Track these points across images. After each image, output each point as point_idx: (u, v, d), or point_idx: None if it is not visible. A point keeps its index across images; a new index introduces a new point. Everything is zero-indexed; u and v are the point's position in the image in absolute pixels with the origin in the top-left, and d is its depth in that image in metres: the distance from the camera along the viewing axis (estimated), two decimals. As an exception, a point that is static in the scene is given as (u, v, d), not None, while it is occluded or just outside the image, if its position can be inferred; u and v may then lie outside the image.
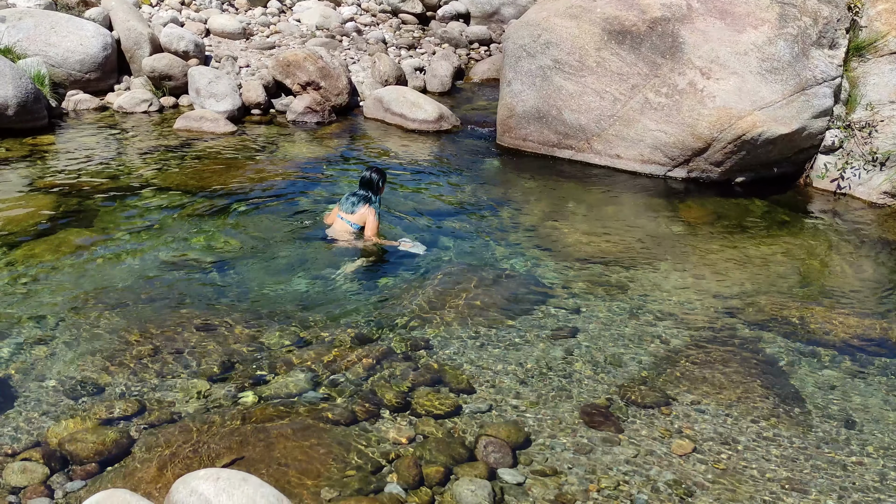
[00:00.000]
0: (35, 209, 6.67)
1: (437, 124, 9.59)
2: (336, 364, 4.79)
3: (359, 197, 6.33)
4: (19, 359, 4.60)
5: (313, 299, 5.57)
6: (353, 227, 6.29)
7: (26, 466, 3.67)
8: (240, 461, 3.85)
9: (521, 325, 5.38)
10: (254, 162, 8.27)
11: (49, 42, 9.33)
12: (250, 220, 6.83)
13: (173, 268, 5.86)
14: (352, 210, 6.31)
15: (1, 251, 5.88)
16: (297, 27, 12.14)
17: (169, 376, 4.56)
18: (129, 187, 7.32)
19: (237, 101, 9.59)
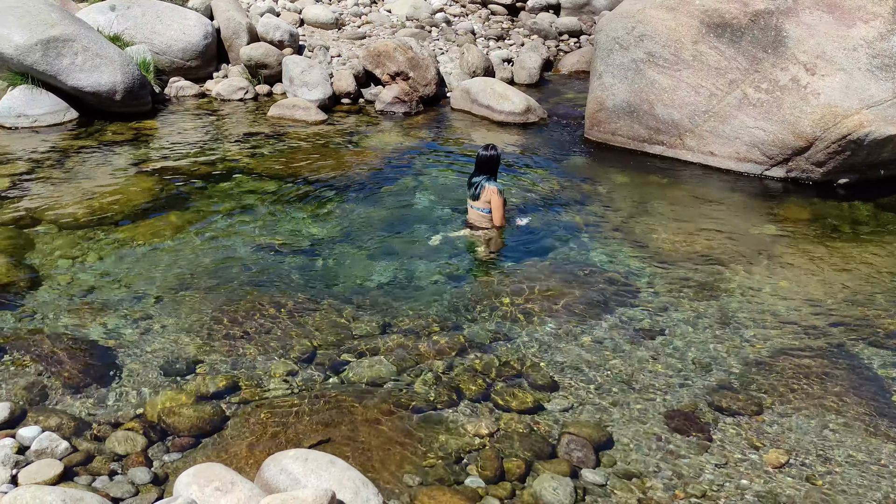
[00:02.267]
0: (138, 190, 6.98)
1: (524, 116, 9.52)
2: (419, 353, 4.84)
3: (479, 179, 6.34)
4: (122, 334, 4.83)
5: (399, 287, 5.64)
6: (483, 212, 6.36)
7: (128, 436, 3.87)
8: (325, 443, 3.94)
9: (605, 324, 5.30)
10: (343, 150, 8.42)
11: (154, 30, 9.72)
12: (339, 207, 6.96)
13: (265, 252, 6.03)
14: (476, 195, 6.36)
15: (106, 230, 6.19)
16: (388, 17, 12.27)
17: (259, 357, 4.70)
18: (225, 172, 7.57)
19: (328, 90, 9.77)
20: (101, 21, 9.64)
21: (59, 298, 5.18)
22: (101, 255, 5.80)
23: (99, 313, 5.03)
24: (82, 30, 8.72)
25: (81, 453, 3.69)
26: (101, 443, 3.83)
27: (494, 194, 6.28)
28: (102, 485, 3.49)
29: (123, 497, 3.43)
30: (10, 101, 8.41)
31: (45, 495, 2.95)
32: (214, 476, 3.14)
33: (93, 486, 3.47)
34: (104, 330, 4.85)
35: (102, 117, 8.76)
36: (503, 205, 6.35)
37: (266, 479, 3.29)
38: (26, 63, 8.31)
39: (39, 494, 2.95)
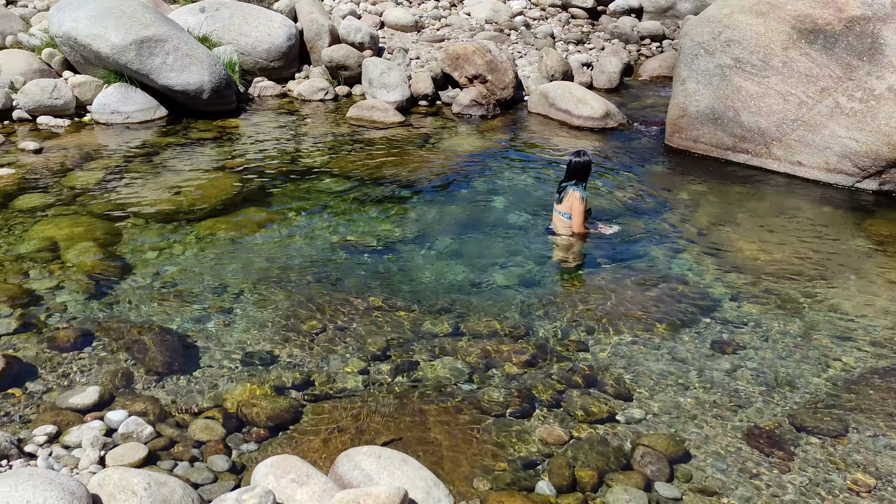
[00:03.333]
0: (221, 187, 7.19)
1: (603, 121, 9.39)
2: (492, 356, 4.82)
3: (567, 185, 6.34)
4: (204, 325, 4.98)
5: (472, 290, 5.63)
6: (565, 217, 6.36)
7: (208, 424, 3.98)
8: (396, 441, 3.96)
9: (683, 335, 5.17)
10: (420, 152, 8.48)
11: (241, 32, 10.01)
12: (414, 208, 7.01)
13: (341, 250, 6.12)
14: (560, 199, 6.37)
15: (190, 224, 6.39)
16: (467, 20, 12.30)
17: (334, 353, 4.77)
18: (304, 171, 7.72)
19: (406, 92, 9.86)
20: (191, 22, 9.98)
21: (146, 289, 5.37)
22: (185, 249, 5.99)
23: (182, 304, 5.19)
24: (174, 30, 9.04)
25: (164, 439, 3.81)
26: (183, 429, 3.95)
27: (576, 200, 6.23)
28: (183, 470, 3.60)
29: (203, 483, 3.53)
30: (105, 98, 8.78)
31: (132, 477, 3.06)
32: (291, 468, 3.20)
33: (174, 471, 3.58)
34: (187, 321, 5.01)
35: (189, 115, 9.05)
36: (584, 212, 6.28)
37: (339, 474, 3.33)
38: (121, 62, 8.67)
39: (127, 476, 3.07)
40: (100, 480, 3.10)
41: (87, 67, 9.01)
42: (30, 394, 4.13)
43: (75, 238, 5.96)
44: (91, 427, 3.76)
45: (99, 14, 8.76)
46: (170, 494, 3.07)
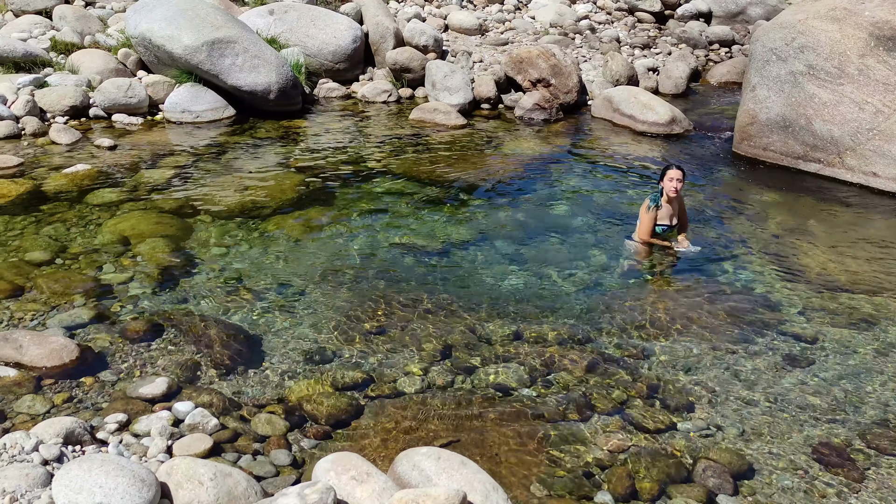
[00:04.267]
0: (286, 186, 7.32)
1: (669, 127, 9.24)
2: (551, 362, 4.78)
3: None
4: (268, 320, 5.07)
5: (532, 294, 5.60)
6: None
7: (271, 419, 4.05)
8: (455, 444, 3.96)
9: (749, 347, 5.04)
10: (481, 155, 8.48)
11: (308, 34, 10.18)
12: (475, 211, 7.01)
13: (402, 251, 6.16)
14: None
15: (255, 222, 6.52)
16: (531, 24, 12.26)
17: (393, 353, 4.80)
18: (367, 172, 7.80)
19: (469, 94, 9.88)
20: (259, 24, 10.20)
21: (212, 284, 5.50)
22: (250, 246, 6.12)
23: (247, 300, 5.30)
24: (243, 32, 9.25)
25: (229, 431, 3.90)
26: (246, 423, 4.03)
27: (642, 207, 6.18)
28: (246, 463, 3.67)
29: (265, 476, 3.59)
30: (177, 98, 9.04)
31: (199, 467, 3.13)
32: (351, 465, 3.22)
33: (238, 463, 3.65)
34: (251, 316, 5.11)
35: (256, 115, 9.25)
36: (648, 220, 6.19)
37: (398, 474, 3.35)
38: (192, 62, 8.91)
39: (194, 466, 3.14)
40: (168, 469, 3.18)
41: (160, 67, 9.29)
42: (102, 382, 4.28)
43: (146, 233, 6.15)
44: (159, 417, 3.87)
45: (173, 16, 9.03)
46: (234, 486, 3.13)
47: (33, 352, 4.31)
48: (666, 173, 6.18)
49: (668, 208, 6.25)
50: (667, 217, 6.26)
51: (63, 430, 3.52)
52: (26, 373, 4.23)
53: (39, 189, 6.86)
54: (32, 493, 3.01)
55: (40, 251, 5.73)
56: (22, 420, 3.86)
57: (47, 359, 4.30)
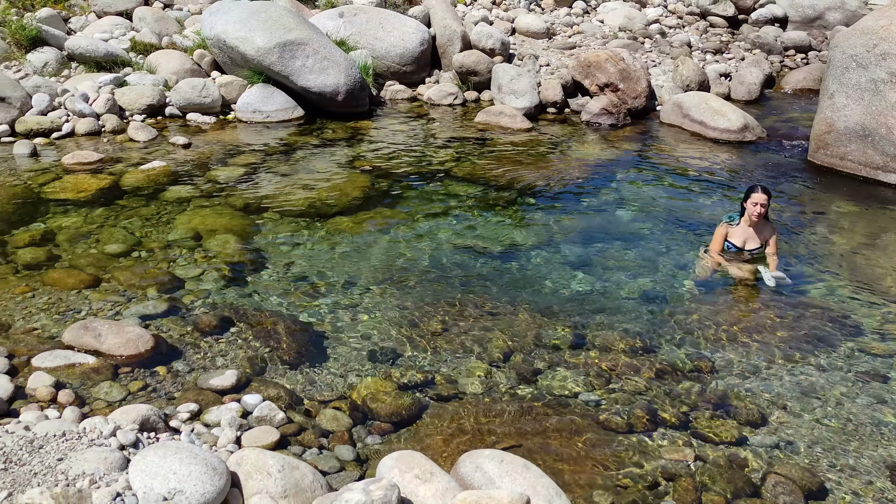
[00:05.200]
0: (351, 186, 7.41)
1: (741, 134, 9.02)
2: (615, 370, 4.72)
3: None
4: (332, 318, 5.15)
5: (596, 301, 5.54)
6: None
7: (335, 415, 4.11)
8: (517, 448, 3.94)
9: (821, 362, 4.88)
10: (546, 159, 8.43)
11: (376, 36, 10.30)
12: (539, 215, 6.98)
13: (465, 253, 6.17)
14: None
15: (322, 221, 6.63)
16: (600, 28, 12.14)
17: (456, 354, 4.81)
18: (431, 174, 7.84)
19: (535, 98, 9.83)
20: (329, 26, 10.36)
21: (279, 280, 5.61)
22: (317, 244, 6.22)
23: (313, 297, 5.39)
24: (314, 34, 9.41)
25: (295, 425, 3.96)
26: (312, 418, 4.10)
27: (718, 228, 6.09)
28: (311, 457, 3.73)
29: (329, 471, 3.64)
30: (249, 98, 9.25)
31: (268, 459, 3.20)
32: (415, 464, 3.24)
33: (303, 456, 3.71)
34: (317, 313, 5.19)
35: (324, 116, 9.39)
36: (718, 236, 6.02)
37: (461, 474, 3.35)
38: (264, 63, 9.11)
39: (263, 458, 3.21)
40: (238, 459, 3.26)
41: (232, 68, 9.53)
42: (174, 372, 4.41)
43: (217, 229, 6.31)
44: (229, 408, 3.96)
45: (246, 18, 9.25)
46: (301, 478, 3.18)
47: (111, 340, 4.47)
48: (750, 195, 5.92)
49: (745, 230, 6.00)
50: (741, 238, 6.00)
51: (139, 417, 3.64)
52: (104, 360, 4.39)
53: (118, 184, 7.11)
54: (110, 477, 3.12)
55: (118, 244, 5.94)
56: (99, 406, 4.00)
57: (124, 348, 4.45)
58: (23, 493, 2.99)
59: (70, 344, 4.49)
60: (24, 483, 3.10)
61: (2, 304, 5.00)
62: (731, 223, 6.05)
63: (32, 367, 4.25)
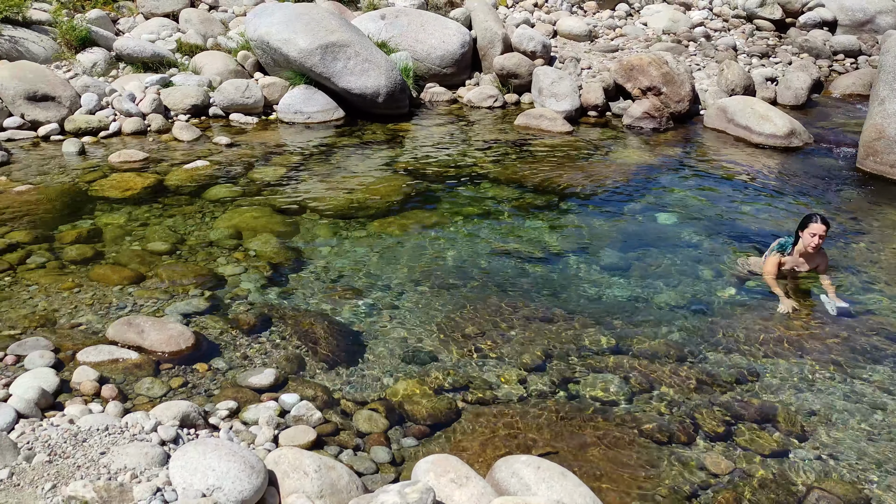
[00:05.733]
0: (390, 188, 7.43)
1: (787, 140, 8.84)
2: (654, 378, 4.65)
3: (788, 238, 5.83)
4: (370, 320, 5.16)
5: (636, 308, 5.47)
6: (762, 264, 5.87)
7: (371, 416, 4.11)
8: (553, 454, 3.91)
9: (870, 375, 4.74)
10: (587, 163, 8.36)
11: (417, 38, 10.32)
12: (578, 219, 6.92)
13: (503, 256, 6.14)
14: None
15: (360, 222, 6.65)
16: (643, 31, 12.01)
17: (492, 359, 4.79)
18: (470, 176, 7.83)
19: (576, 101, 9.76)
20: (371, 28, 10.41)
21: (318, 280, 5.65)
22: (356, 245, 6.24)
23: (350, 298, 5.41)
24: (356, 36, 9.47)
25: (331, 425, 3.98)
26: (348, 418, 4.11)
27: (768, 254, 5.80)
28: (347, 457, 3.74)
29: (365, 472, 3.65)
30: (290, 99, 9.35)
31: (304, 458, 3.22)
32: (451, 468, 3.23)
33: (339, 456, 3.73)
34: (354, 314, 5.21)
35: (364, 117, 9.44)
36: (770, 265, 5.72)
37: (497, 480, 3.33)
38: (307, 65, 9.19)
39: (299, 457, 3.23)
40: (275, 458, 3.28)
41: (275, 69, 9.64)
42: (214, 370, 4.46)
43: (257, 229, 6.38)
44: (267, 407, 4.00)
45: (290, 20, 9.35)
46: (337, 479, 3.19)
47: (153, 337, 4.54)
48: (808, 225, 5.58)
49: (796, 259, 5.73)
50: (791, 266, 5.76)
51: (179, 414, 3.69)
52: (146, 356, 4.46)
53: (162, 183, 7.23)
54: (151, 472, 3.17)
55: (161, 241, 6.04)
56: (141, 401, 4.07)
57: (166, 344, 4.52)
58: (66, 486, 3.05)
59: (114, 339, 4.57)
60: (67, 475, 3.16)
61: (49, 300, 5.12)
62: (784, 252, 5.71)
63: (77, 362, 4.34)
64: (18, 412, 3.63)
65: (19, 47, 9.33)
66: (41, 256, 5.70)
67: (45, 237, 6.01)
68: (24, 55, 9.23)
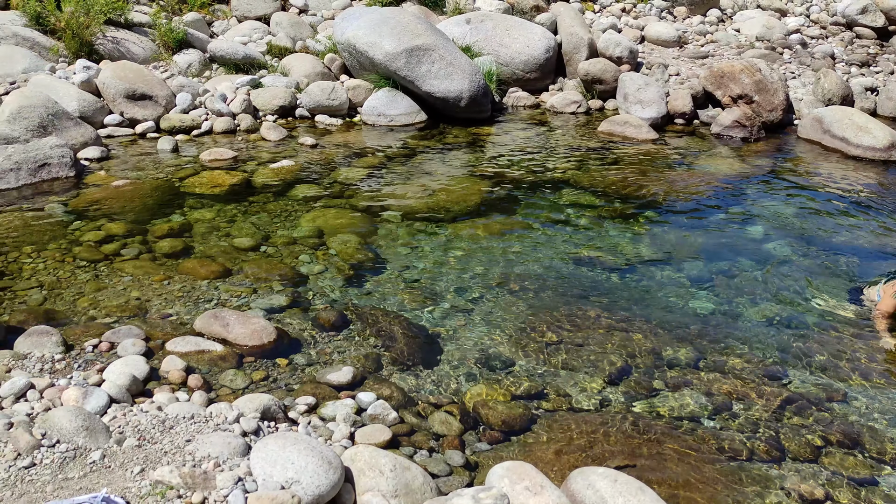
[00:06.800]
0: (470, 192, 7.44)
1: (887, 153, 8.42)
2: (737, 396, 4.49)
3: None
4: (446, 322, 5.17)
5: (719, 322, 5.30)
6: (876, 297, 5.42)
7: (446, 419, 4.12)
8: (630, 468, 3.82)
9: (974, 404, 4.46)
10: (671, 172, 8.17)
11: (502, 43, 10.31)
12: (661, 228, 6.76)
13: (582, 264, 6.06)
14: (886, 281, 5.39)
15: (439, 225, 6.68)
16: (735, 37, 11.67)
17: (569, 367, 4.72)
18: (551, 182, 7.76)
19: (662, 108, 9.56)
20: (456, 32, 10.46)
21: (396, 281, 5.69)
22: (433, 248, 6.27)
23: (427, 300, 5.43)
24: (441, 40, 9.53)
25: (406, 426, 4.00)
26: (423, 419, 4.12)
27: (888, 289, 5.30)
28: (421, 459, 3.75)
29: (439, 474, 3.64)
30: (374, 102, 9.48)
31: (380, 458, 3.24)
32: (525, 475, 3.20)
33: (413, 457, 3.74)
34: (432, 316, 5.23)
35: (446, 121, 9.48)
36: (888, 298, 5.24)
37: (572, 491, 3.27)
38: (391, 68, 9.30)
39: (376, 456, 3.25)
40: (351, 455, 3.32)
41: (360, 72, 9.79)
42: (294, 365, 4.55)
43: (339, 228, 6.48)
44: (344, 404, 4.05)
45: (377, 24, 9.49)
46: (412, 479, 3.21)
47: (238, 330, 4.67)
48: None
49: None
50: None
51: (261, 406, 3.78)
52: (230, 349, 4.59)
53: (249, 181, 7.44)
54: (233, 461, 3.26)
55: (247, 238, 6.22)
56: (224, 392, 4.19)
57: (249, 338, 4.64)
58: (154, 470, 3.16)
59: (200, 331, 4.72)
60: (155, 460, 3.28)
61: (141, 290, 5.33)
62: None
63: (166, 351, 4.50)
64: (111, 397, 3.79)
65: (121, 48, 9.78)
66: (135, 248, 5.95)
67: (139, 230, 6.27)
68: (125, 55, 9.68)
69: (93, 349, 4.48)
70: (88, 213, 6.52)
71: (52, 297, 5.19)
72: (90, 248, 5.90)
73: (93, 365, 4.29)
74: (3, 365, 4.17)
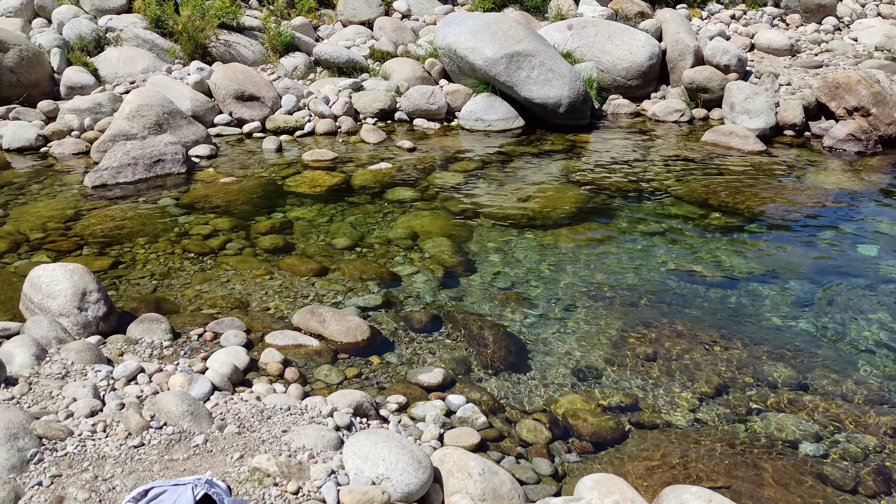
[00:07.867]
0: (565, 199, 7.37)
1: None
2: (843, 421, 4.27)
3: None
4: (538, 329, 5.14)
5: (825, 344, 5.05)
6: None
7: (535, 426, 4.09)
8: (725, 489, 3.70)
9: None
10: (779, 185, 7.85)
11: (604, 49, 10.18)
12: (765, 243, 6.50)
13: (679, 277, 5.90)
14: None
15: (533, 231, 6.65)
16: (852, 47, 11.11)
17: (664, 382, 4.60)
18: (650, 192, 7.60)
19: (771, 119, 9.19)
20: (557, 38, 10.40)
21: (488, 286, 5.70)
22: (527, 254, 6.24)
23: (519, 306, 5.41)
24: (541, 46, 9.49)
25: (495, 431, 4.01)
26: (511, 426, 4.12)
27: None
28: (509, 465, 3.74)
29: (526, 482, 3.63)
30: (473, 106, 9.53)
31: (469, 461, 3.26)
32: (616, 489, 3.14)
33: (501, 463, 3.74)
34: (523, 322, 5.21)
35: (544, 127, 9.44)
36: None
37: (663, 509, 3.19)
38: (491, 73, 9.33)
39: (464, 458, 3.27)
40: (441, 456, 3.35)
41: (459, 77, 9.87)
42: (386, 364, 4.63)
43: (433, 232, 6.55)
44: (434, 405, 4.09)
45: (478, 29, 9.54)
46: (500, 484, 3.20)
47: (333, 327, 4.80)
48: None
49: None
50: None
51: (354, 402, 3.86)
52: (326, 345, 4.72)
53: (348, 182, 7.62)
54: (326, 454, 3.34)
55: (344, 238, 6.37)
56: (319, 386, 4.31)
57: (344, 335, 4.76)
58: (252, 458, 3.28)
59: (298, 326, 4.87)
60: (253, 448, 3.41)
61: (244, 284, 5.55)
62: None
63: (265, 344, 4.66)
64: (214, 385, 3.96)
65: (232, 50, 10.21)
66: (238, 243, 6.19)
67: (243, 226, 6.52)
68: (235, 58, 10.10)
69: (198, 338, 4.70)
70: (197, 208, 6.84)
71: (162, 287, 5.47)
72: (198, 242, 6.19)
73: (197, 353, 4.50)
74: (117, 349, 4.42)
